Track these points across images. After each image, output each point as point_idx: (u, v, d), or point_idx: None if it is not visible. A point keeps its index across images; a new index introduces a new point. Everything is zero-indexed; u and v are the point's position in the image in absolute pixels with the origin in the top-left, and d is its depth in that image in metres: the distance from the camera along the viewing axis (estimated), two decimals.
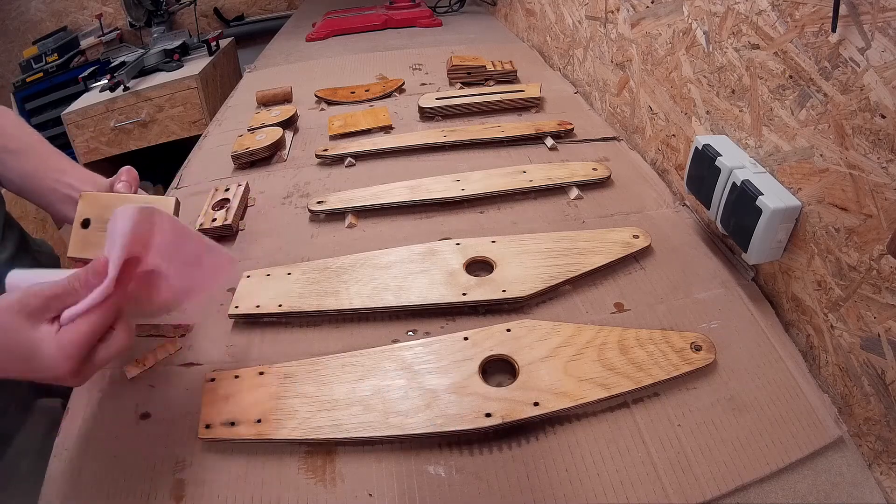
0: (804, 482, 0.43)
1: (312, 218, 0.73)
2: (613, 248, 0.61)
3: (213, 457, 0.45)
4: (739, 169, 0.54)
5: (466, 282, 0.58)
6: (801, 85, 0.48)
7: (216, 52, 2.05)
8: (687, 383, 0.49)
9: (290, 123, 0.96)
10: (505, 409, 0.45)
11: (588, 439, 0.45)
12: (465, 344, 0.51)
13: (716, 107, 0.62)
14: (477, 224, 0.70)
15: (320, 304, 0.56)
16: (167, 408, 0.50)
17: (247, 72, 1.34)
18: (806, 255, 0.51)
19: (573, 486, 0.42)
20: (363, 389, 0.48)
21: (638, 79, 0.80)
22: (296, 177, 0.82)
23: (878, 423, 0.44)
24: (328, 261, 0.62)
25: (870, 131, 0.41)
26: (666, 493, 0.41)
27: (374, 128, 0.92)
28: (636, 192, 0.74)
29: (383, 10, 1.61)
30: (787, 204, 0.50)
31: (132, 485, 0.44)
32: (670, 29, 0.69)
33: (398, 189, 0.74)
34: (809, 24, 0.46)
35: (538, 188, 0.74)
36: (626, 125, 0.87)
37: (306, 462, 0.45)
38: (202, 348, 0.55)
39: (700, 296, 0.57)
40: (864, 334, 0.45)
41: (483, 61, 1.07)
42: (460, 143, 0.86)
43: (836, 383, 0.48)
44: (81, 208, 0.49)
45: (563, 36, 1.10)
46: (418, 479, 0.43)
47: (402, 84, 1.09)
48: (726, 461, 0.43)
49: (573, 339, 0.50)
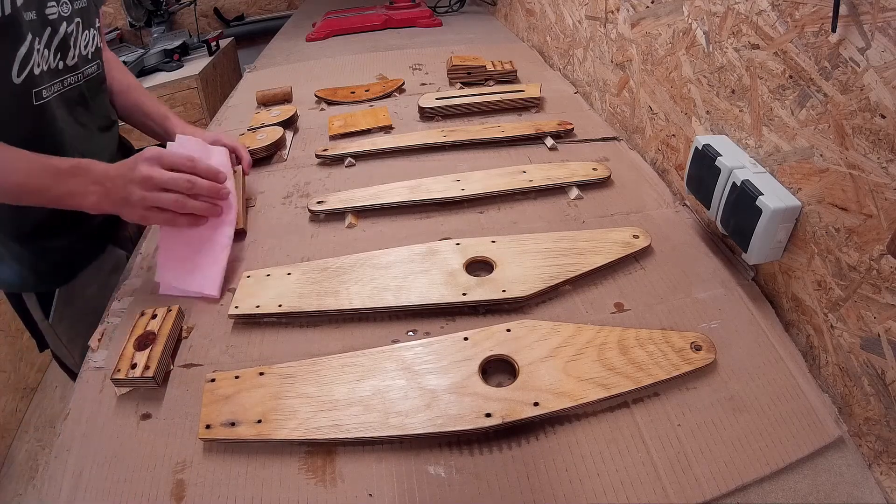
0: (804, 482, 0.43)
1: (312, 218, 0.73)
2: (613, 248, 0.61)
3: (214, 457, 0.45)
4: (739, 169, 0.54)
5: (466, 282, 0.58)
6: (801, 85, 0.48)
7: (216, 52, 2.05)
8: (687, 383, 0.49)
9: (290, 123, 0.96)
10: (505, 409, 0.45)
11: (588, 439, 0.45)
12: (465, 344, 0.51)
13: (716, 107, 0.62)
14: (477, 224, 0.70)
15: (320, 305, 0.56)
16: (167, 408, 0.50)
17: (247, 72, 1.34)
18: (806, 255, 0.51)
19: (573, 486, 0.42)
20: (363, 390, 0.48)
21: (638, 79, 0.80)
22: (296, 177, 0.82)
23: (878, 423, 0.44)
24: (328, 261, 0.62)
25: (870, 131, 0.41)
26: (666, 493, 0.41)
27: (374, 128, 0.92)
28: (636, 192, 0.74)
29: (383, 10, 1.61)
30: (787, 204, 0.50)
31: (132, 485, 0.44)
32: (670, 29, 0.69)
33: (398, 189, 0.74)
34: (809, 24, 0.46)
35: (538, 188, 0.74)
36: (626, 125, 0.87)
37: (306, 462, 0.45)
38: (202, 348, 0.55)
39: (700, 296, 0.57)
40: (864, 334, 0.45)
41: (483, 61, 1.07)
42: (460, 143, 0.86)
43: (836, 383, 0.48)
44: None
45: (563, 36, 1.10)
46: (418, 479, 0.43)
47: (402, 84, 1.09)
48: (726, 461, 0.43)
49: (573, 339, 0.51)
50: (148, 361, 0.51)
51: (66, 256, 0.72)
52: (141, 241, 0.74)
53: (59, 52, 0.63)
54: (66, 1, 0.64)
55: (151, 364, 0.51)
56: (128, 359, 0.51)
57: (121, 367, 0.51)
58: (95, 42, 0.71)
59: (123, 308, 0.61)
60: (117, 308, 0.62)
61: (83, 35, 0.68)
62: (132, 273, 0.67)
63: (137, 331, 0.54)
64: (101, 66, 0.74)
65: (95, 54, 0.72)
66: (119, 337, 0.57)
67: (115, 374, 0.50)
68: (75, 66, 0.67)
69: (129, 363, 0.51)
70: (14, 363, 1.44)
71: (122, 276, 0.67)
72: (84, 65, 0.69)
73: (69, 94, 0.66)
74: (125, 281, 0.66)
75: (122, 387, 0.51)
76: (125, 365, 0.51)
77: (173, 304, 0.57)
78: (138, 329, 0.54)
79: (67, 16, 0.64)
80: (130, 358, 0.52)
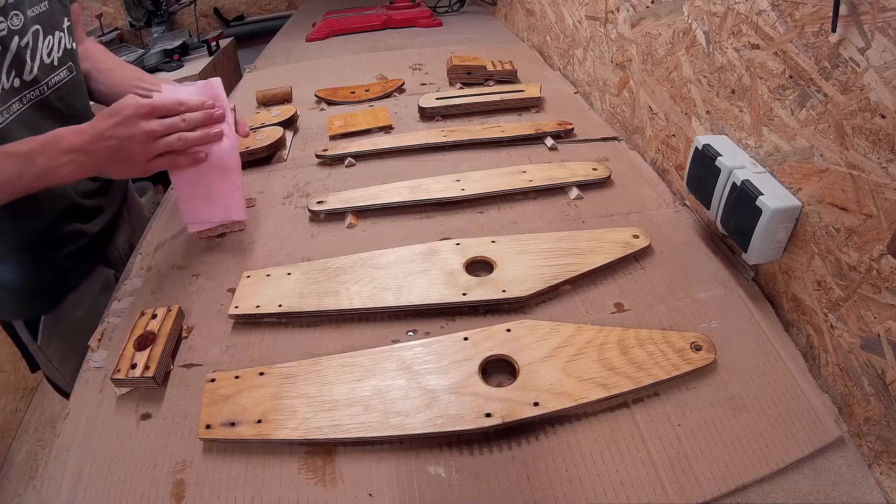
0: (804, 482, 0.43)
1: (312, 218, 0.73)
2: (613, 248, 0.61)
3: (214, 457, 0.45)
4: (739, 169, 0.54)
5: (466, 282, 0.58)
6: (801, 85, 0.48)
7: (216, 52, 2.05)
8: (687, 383, 0.49)
9: (290, 123, 0.96)
10: (505, 409, 0.45)
11: (588, 439, 0.45)
12: (465, 344, 0.51)
13: (716, 107, 0.62)
14: (477, 224, 0.70)
15: (320, 305, 0.56)
16: (167, 408, 0.50)
17: (247, 72, 1.34)
18: (806, 255, 0.51)
19: (573, 486, 0.42)
20: (363, 389, 0.48)
21: (638, 79, 0.80)
22: (296, 177, 0.82)
23: (878, 423, 0.44)
24: (328, 261, 0.62)
25: (870, 131, 0.41)
26: (666, 493, 0.41)
27: (374, 128, 0.92)
28: (636, 191, 0.74)
29: (383, 10, 1.61)
30: (787, 204, 0.50)
31: (132, 485, 0.44)
32: (670, 29, 0.69)
33: (398, 189, 0.74)
34: (809, 24, 0.46)
35: (538, 188, 0.74)
36: (626, 125, 0.87)
37: (306, 462, 0.45)
38: (202, 348, 0.55)
39: (700, 296, 0.57)
40: (864, 334, 0.45)
41: (483, 61, 1.07)
42: (460, 143, 0.86)
43: (836, 383, 0.48)
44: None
45: (563, 36, 1.10)
46: (418, 479, 0.43)
47: (402, 84, 1.09)
48: (726, 461, 0.43)
49: (573, 339, 0.51)
50: (148, 361, 0.51)
51: (53, 280, 0.70)
52: (141, 241, 0.74)
53: (12, 69, 0.58)
54: (18, 12, 0.58)
55: (151, 364, 0.51)
56: (128, 359, 0.51)
57: (121, 367, 0.51)
58: (63, 45, 0.66)
59: (123, 308, 0.61)
60: (117, 308, 0.62)
61: (44, 43, 0.62)
62: (132, 273, 0.67)
63: (137, 331, 0.54)
64: (73, 69, 0.68)
65: (64, 58, 0.66)
66: (119, 337, 0.57)
67: (115, 374, 0.50)
68: (35, 80, 0.61)
69: (129, 363, 0.51)
70: (14, 363, 1.44)
71: (122, 275, 0.67)
72: (48, 74, 0.63)
73: (32, 110, 0.61)
74: (125, 281, 0.66)
75: (122, 387, 0.51)
76: (125, 365, 0.51)
77: (173, 304, 0.57)
78: (138, 329, 0.54)
79: (19, 28, 0.58)
80: (130, 358, 0.52)
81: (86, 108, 0.73)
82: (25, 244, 0.66)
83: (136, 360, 0.51)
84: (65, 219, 0.68)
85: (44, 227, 0.61)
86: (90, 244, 0.73)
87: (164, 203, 0.82)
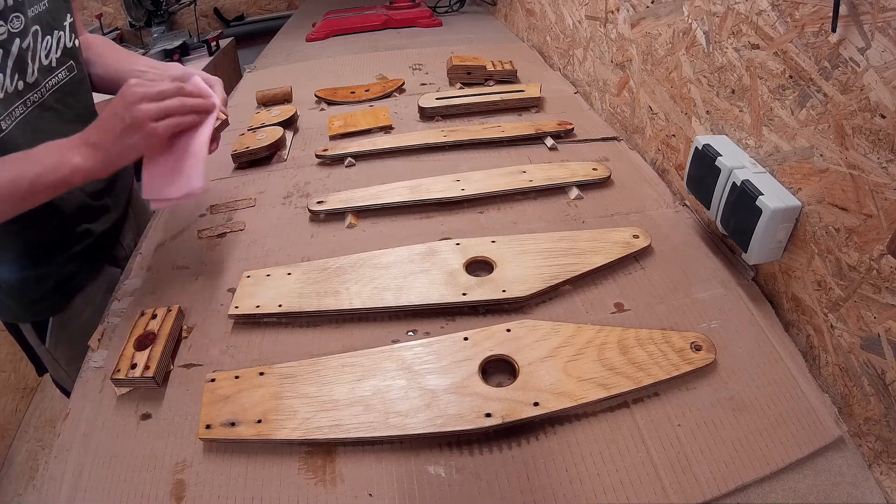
0: (804, 482, 0.43)
1: (312, 218, 0.73)
2: (613, 248, 0.61)
3: (214, 457, 0.45)
4: (739, 169, 0.54)
5: (466, 282, 0.58)
6: (801, 85, 0.48)
7: (216, 52, 2.05)
8: (687, 383, 0.49)
9: (290, 123, 0.96)
10: (505, 409, 0.45)
11: (588, 439, 0.45)
12: (465, 344, 0.51)
13: (716, 107, 0.62)
14: (477, 224, 0.70)
15: (320, 305, 0.56)
16: (167, 408, 0.50)
17: (247, 72, 1.34)
18: (806, 255, 0.51)
19: (573, 486, 0.42)
20: (363, 389, 0.48)
21: (638, 79, 0.80)
22: (296, 177, 0.82)
23: (878, 423, 0.44)
24: (328, 261, 0.62)
25: (870, 131, 0.41)
26: (666, 493, 0.41)
27: (374, 128, 0.92)
28: (636, 192, 0.74)
29: (383, 10, 1.61)
30: (787, 204, 0.50)
31: (132, 485, 0.44)
32: (670, 29, 0.69)
33: (398, 189, 0.74)
34: (809, 24, 0.46)
35: (538, 188, 0.74)
36: (626, 125, 0.87)
37: (306, 462, 0.45)
38: (202, 348, 0.55)
39: (700, 296, 0.57)
40: (864, 334, 0.45)
41: (483, 61, 1.07)
42: (460, 143, 0.86)
43: (836, 383, 0.48)
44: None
45: (563, 36, 1.10)
46: (418, 479, 0.43)
47: (402, 84, 1.09)
48: (726, 461, 0.43)
49: (573, 339, 0.51)
50: (148, 361, 0.51)
51: (61, 282, 0.69)
52: (141, 241, 0.74)
53: (15, 72, 0.57)
54: (18, 14, 0.57)
55: (151, 364, 0.51)
56: (128, 359, 0.51)
57: (121, 367, 0.51)
58: (63, 44, 0.65)
59: (123, 308, 0.61)
60: (117, 308, 0.62)
61: (44, 43, 0.61)
62: (132, 273, 0.67)
63: (137, 331, 0.54)
64: (76, 67, 0.67)
65: (63, 58, 0.65)
66: (119, 337, 0.57)
67: (115, 374, 0.50)
68: (36, 83, 0.61)
69: (129, 363, 0.51)
70: (14, 363, 1.44)
71: (122, 275, 0.67)
72: (46, 76, 0.62)
73: (34, 113, 0.60)
74: (125, 281, 0.66)
75: (122, 387, 0.51)
76: (125, 365, 0.51)
77: (173, 304, 0.57)
78: (138, 329, 0.54)
79: (20, 30, 0.57)
80: (130, 358, 0.52)
81: (89, 107, 0.72)
82: (35, 247, 0.65)
83: (136, 360, 0.51)
84: (74, 219, 0.68)
85: (53, 230, 0.60)
86: (97, 244, 0.73)
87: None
